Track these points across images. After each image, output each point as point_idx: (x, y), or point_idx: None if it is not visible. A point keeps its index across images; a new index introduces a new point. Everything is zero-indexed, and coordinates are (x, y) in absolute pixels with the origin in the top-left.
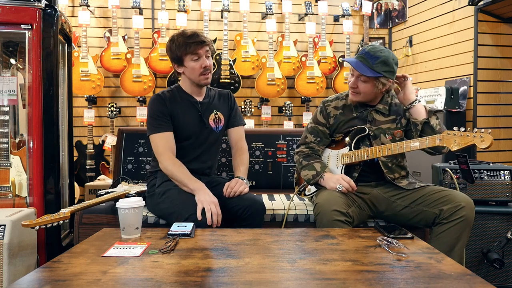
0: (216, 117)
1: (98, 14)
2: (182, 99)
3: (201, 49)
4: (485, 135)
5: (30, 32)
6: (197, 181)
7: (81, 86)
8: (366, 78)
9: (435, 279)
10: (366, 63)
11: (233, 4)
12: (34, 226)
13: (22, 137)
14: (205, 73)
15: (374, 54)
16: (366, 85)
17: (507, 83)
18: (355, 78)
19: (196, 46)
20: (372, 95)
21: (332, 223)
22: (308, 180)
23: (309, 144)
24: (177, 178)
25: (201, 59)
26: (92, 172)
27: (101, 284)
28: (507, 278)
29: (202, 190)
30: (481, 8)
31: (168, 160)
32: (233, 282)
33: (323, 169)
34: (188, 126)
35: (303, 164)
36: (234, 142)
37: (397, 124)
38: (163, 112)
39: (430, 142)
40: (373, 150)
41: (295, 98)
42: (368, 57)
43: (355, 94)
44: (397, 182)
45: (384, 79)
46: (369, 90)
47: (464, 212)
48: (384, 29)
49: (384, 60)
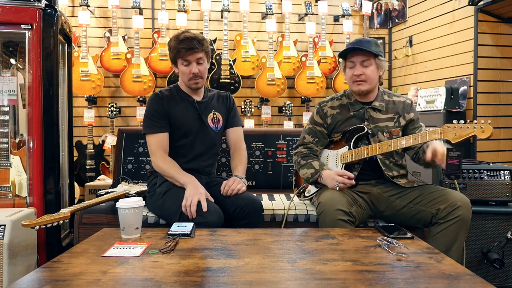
0: (215, 117)
1: (98, 14)
2: (180, 98)
3: (190, 56)
4: (485, 126)
5: (30, 32)
6: (187, 175)
7: (81, 86)
8: (369, 61)
9: (435, 279)
10: (364, 47)
11: (233, 4)
12: (34, 226)
13: (22, 137)
14: (194, 79)
15: (364, 40)
16: (371, 68)
17: (507, 83)
18: (358, 65)
19: (185, 52)
20: (376, 80)
21: (335, 222)
22: (307, 179)
23: (307, 144)
24: (168, 174)
25: (190, 66)
26: (92, 172)
27: (101, 284)
28: (507, 278)
29: (190, 184)
30: (481, 8)
31: (159, 158)
32: (233, 282)
33: (321, 167)
34: (187, 124)
35: (301, 163)
36: (232, 143)
37: (395, 123)
38: (159, 112)
39: (431, 136)
40: (372, 147)
41: (295, 98)
42: (360, 44)
43: (361, 83)
44: (396, 180)
45: (381, 58)
46: (374, 74)
47: (460, 211)
48: (384, 29)
49: (375, 42)
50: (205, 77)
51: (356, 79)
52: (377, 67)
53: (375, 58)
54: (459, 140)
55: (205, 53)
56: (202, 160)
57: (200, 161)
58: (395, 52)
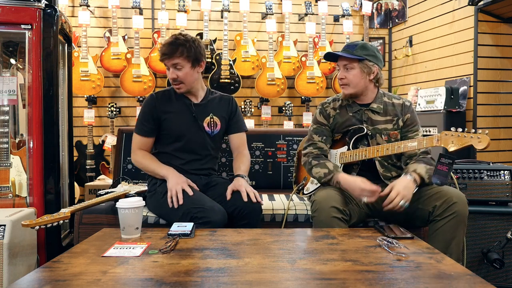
0: (211, 121)
1: (98, 14)
2: (177, 99)
3: (167, 60)
4: (482, 136)
5: (30, 32)
6: (166, 167)
7: (81, 86)
8: (351, 65)
9: (435, 279)
10: (348, 52)
11: (233, 4)
12: (34, 226)
13: (22, 137)
14: (174, 83)
15: (352, 43)
16: (353, 72)
17: (507, 83)
18: (342, 69)
19: (163, 57)
20: (362, 84)
21: (330, 219)
22: (319, 178)
23: (316, 144)
24: (148, 169)
25: (169, 70)
26: (92, 172)
27: (101, 284)
28: (507, 278)
29: (170, 175)
30: (481, 8)
31: (138, 155)
32: (233, 282)
33: (335, 169)
34: (179, 127)
35: (313, 163)
36: (235, 148)
37: (394, 125)
38: (149, 115)
39: (428, 142)
40: (371, 150)
41: (295, 98)
42: (347, 48)
43: (345, 86)
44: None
45: (368, 62)
46: (357, 79)
47: (456, 207)
48: (384, 29)
49: (362, 45)
50: (189, 82)
51: (340, 83)
52: (361, 71)
53: (359, 62)
54: (455, 149)
55: (184, 58)
56: (200, 163)
57: (199, 164)
58: (395, 52)
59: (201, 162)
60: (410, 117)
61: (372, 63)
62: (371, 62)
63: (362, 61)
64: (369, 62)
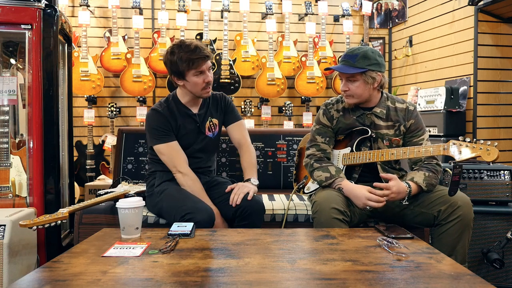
0: (211, 124)
1: (98, 14)
2: (180, 112)
3: (204, 64)
4: (491, 148)
5: (30, 32)
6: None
7: (81, 86)
8: (354, 78)
9: (435, 279)
10: (349, 64)
11: (233, 4)
12: (32, 226)
13: (22, 137)
14: (207, 87)
15: (353, 53)
16: (356, 84)
17: (507, 83)
18: (345, 81)
19: (200, 62)
20: (366, 93)
21: (331, 221)
22: (320, 182)
23: (319, 145)
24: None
25: (204, 74)
26: (92, 172)
27: (101, 284)
28: (507, 278)
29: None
30: (481, 8)
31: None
32: (233, 282)
33: (337, 173)
34: (187, 138)
35: (314, 166)
36: (236, 141)
37: (395, 131)
38: (165, 124)
39: (435, 151)
40: (375, 154)
41: (295, 98)
42: (348, 58)
43: (348, 97)
44: None
45: (371, 73)
46: (361, 90)
47: (461, 211)
48: (384, 29)
49: (363, 55)
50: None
51: (343, 94)
52: (365, 82)
53: (362, 74)
54: (463, 159)
55: (211, 59)
56: (200, 165)
57: (199, 165)
58: (395, 52)
59: (202, 163)
60: (414, 123)
61: (375, 71)
62: (374, 71)
63: (365, 73)
64: (372, 72)
